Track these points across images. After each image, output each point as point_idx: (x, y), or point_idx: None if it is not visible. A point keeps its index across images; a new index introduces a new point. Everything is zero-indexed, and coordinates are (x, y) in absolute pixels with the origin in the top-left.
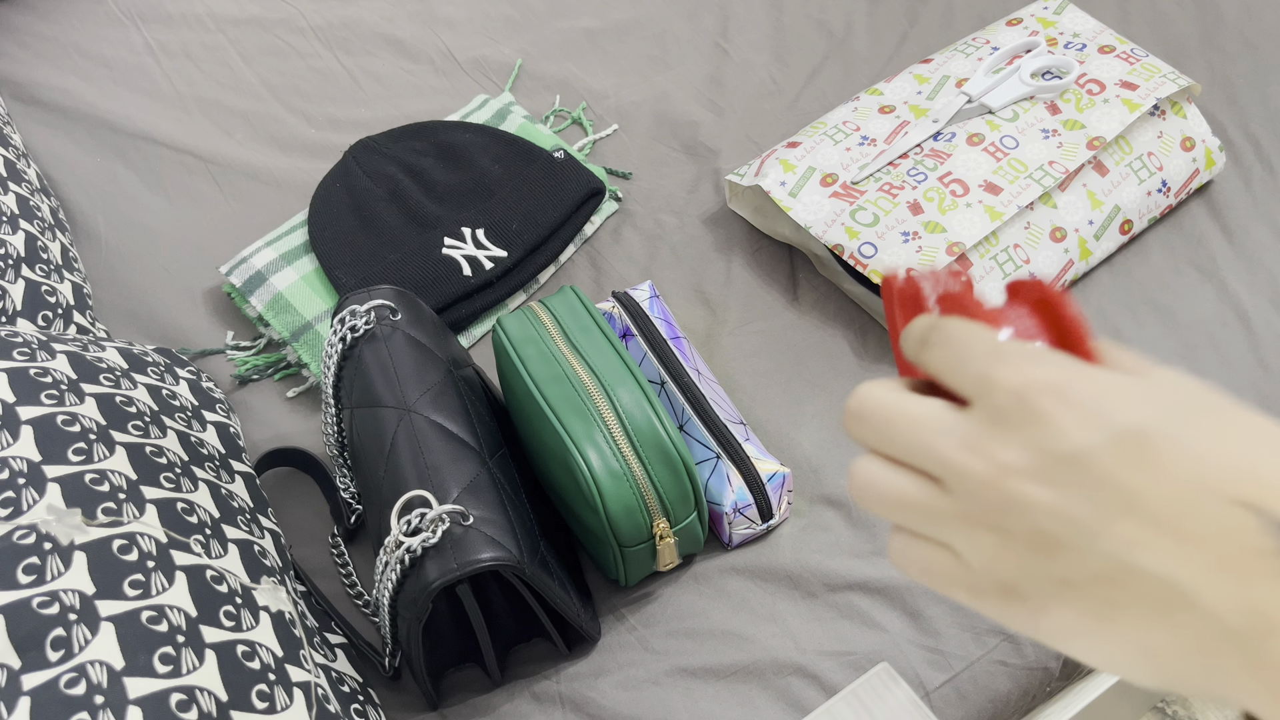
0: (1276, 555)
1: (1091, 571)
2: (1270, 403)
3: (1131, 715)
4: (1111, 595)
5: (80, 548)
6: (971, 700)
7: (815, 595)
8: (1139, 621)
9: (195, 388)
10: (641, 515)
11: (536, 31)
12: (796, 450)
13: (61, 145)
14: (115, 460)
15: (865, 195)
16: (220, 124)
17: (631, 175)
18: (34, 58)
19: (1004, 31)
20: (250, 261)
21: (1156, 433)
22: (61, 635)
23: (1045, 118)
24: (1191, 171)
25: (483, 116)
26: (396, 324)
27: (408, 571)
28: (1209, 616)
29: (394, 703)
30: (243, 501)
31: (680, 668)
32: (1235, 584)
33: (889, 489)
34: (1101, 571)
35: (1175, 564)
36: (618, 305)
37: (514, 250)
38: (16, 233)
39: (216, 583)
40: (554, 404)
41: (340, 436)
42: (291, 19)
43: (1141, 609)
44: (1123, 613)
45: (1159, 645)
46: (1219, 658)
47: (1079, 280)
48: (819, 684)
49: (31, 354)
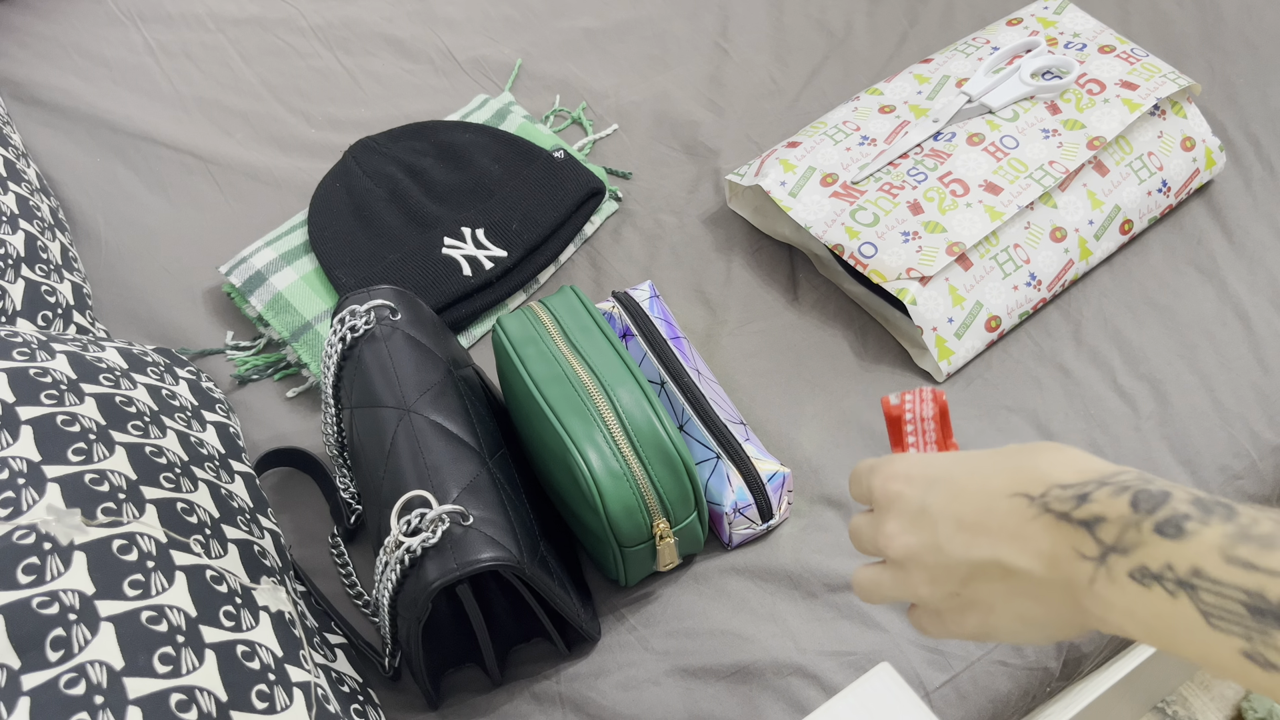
0: (1039, 517)
1: (960, 577)
2: (1270, 403)
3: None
4: (980, 590)
5: (80, 548)
6: (971, 700)
7: (815, 595)
8: (1004, 599)
9: (195, 388)
10: (641, 515)
11: (536, 31)
12: (796, 450)
13: (61, 145)
14: (115, 460)
15: (865, 195)
16: (220, 124)
17: (631, 175)
18: (34, 58)
19: (1004, 31)
20: (250, 261)
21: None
22: (61, 635)
23: (1045, 117)
24: (1192, 171)
25: (483, 116)
26: (396, 324)
27: (408, 572)
28: (1027, 575)
29: (394, 703)
30: (243, 501)
31: (680, 668)
32: (1027, 546)
33: (868, 582)
34: (964, 574)
35: (994, 549)
36: (618, 305)
37: (514, 250)
38: (16, 233)
39: (216, 583)
40: (554, 404)
41: (340, 436)
42: (291, 19)
43: (999, 590)
44: (993, 599)
45: (1026, 611)
46: (1054, 601)
47: (1079, 280)
48: (819, 684)
49: (31, 354)
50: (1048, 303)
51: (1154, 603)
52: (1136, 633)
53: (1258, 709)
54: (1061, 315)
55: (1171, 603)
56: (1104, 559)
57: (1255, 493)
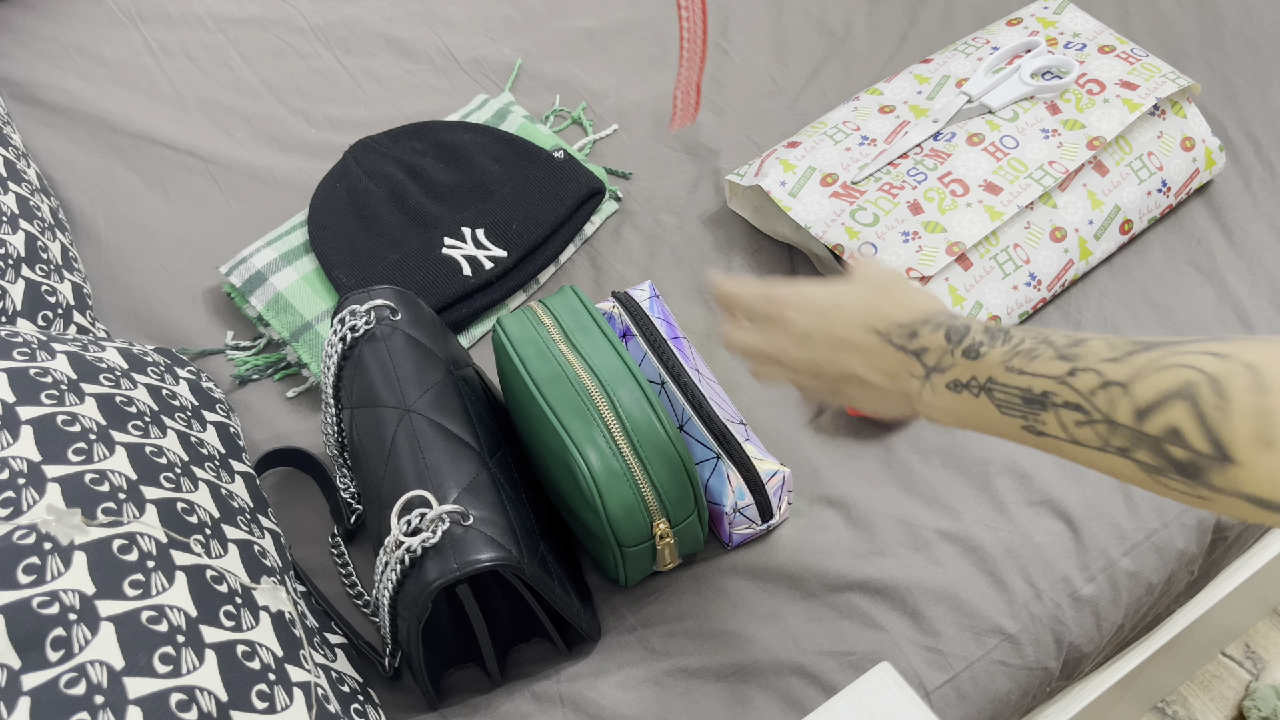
0: (885, 346)
1: (832, 378)
2: None
3: (1131, 715)
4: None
5: (80, 548)
6: (971, 700)
7: (815, 595)
8: (861, 393)
9: (195, 388)
10: (641, 515)
11: (536, 31)
12: (796, 450)
13: (61, 145)
14: (115, 460)
15: (865, 195)
16: (220, 124)
17: (631, 175)
18: (34, 58)
19: (1004, 31)
20: (250, 261)
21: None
22: (61, 635)
23: (1045, 117)
24: (1191, 171)
25: (483, 116)
26: (396, 324)
27: (408, 572)
28: (877, 384)
29: (394, 703)
30: (243, 501)
31: (680, 668)
32: (877, 365)
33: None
34: (835, 376)
35: (855, 366)
36: (618, 305)
37: (514, 250)
38: (16, 233)
39: (216, 583)
40: (554, 404)
41: (340, 436)
42: (291, 19)
43: (858, 387)
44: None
45: (875, 401)
46: (895, 399)
47: (1079, 280)
48: (819, 684)
49: (31, 354)
50: (1047, 303)
51: (964, 402)
52: (952, 423)
53: (1261, 708)
54: (1061, 315)
55: (975, 401)
56: (928, 377)
57: None
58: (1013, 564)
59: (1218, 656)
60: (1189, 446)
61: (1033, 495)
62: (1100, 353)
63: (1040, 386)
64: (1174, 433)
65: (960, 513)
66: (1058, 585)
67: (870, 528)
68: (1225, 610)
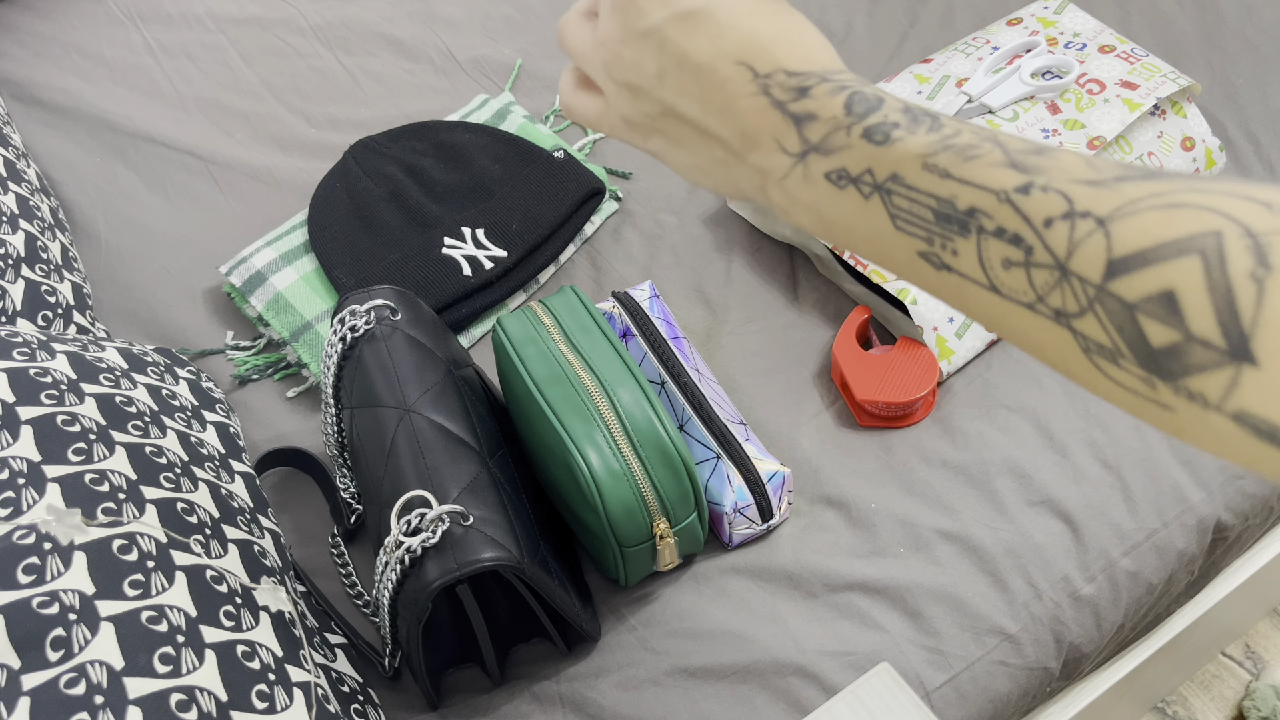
0: (755, 97)
1: (660, 112)
2: None
3: (1131, 715)
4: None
5: (80, 548)
6: (971, 700)
7: (815, 595)
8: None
9: (195, 388)
10: (641, 515)
11: (536, 31)
12: (796, 450)
13: (61, 145)
14: (115, 460)
15: None
16: (220, 124)
17: (631, 175)
18: (34, 58)
19: (1004, 31)
20: (250, 261)
21: (700, 14)
22: (61, 635)
23: (1045, 117)
24: (1192, 171)
25: (483, 116)
26: (396, 324)
27: (408, 571)
28: (723, 144)
29: (394, 703)
30: (243, 501)
31: (680, 668)
32: (732, 121)
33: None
34: (665, 112)
35: (700, 112)
36: (618, 305)
37: (514, 250)
38: (16, 233)
39: (216, 583)
40: (554, 404)
41: (340, 436)
42: (291, 19)
43: (691, 137)
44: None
45: (706, 163)
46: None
47: None
48: (819, 684)
49: (31, 354)
50: None
51: (843, 202)
52: (813, 228)
53: (1261, 708)
54: None
55: (862, 204)
56: (803, 157)
57: (1255, 492)
58: (1013, 564)
59: (1218, 656)
60: (1181, 326)
61: (1033, 495)
62: (1073, 170)
63: (967, 200)
64: (1164, 301)
65: (960, 513)
66: (1058, 585)
67: (870, 528)
68: (1225, 610)
